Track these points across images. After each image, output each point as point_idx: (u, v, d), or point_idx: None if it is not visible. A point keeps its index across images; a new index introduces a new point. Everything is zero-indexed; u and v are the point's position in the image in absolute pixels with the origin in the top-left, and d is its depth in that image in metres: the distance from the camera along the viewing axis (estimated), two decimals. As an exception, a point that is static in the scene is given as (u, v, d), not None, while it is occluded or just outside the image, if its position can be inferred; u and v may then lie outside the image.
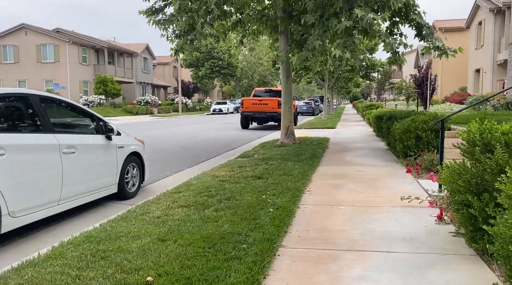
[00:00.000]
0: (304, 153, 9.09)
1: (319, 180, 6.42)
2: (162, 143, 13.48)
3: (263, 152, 9.49)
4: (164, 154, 10.81)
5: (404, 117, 9.32)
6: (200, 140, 14.75)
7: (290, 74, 11.12)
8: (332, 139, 13.27)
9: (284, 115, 11.04)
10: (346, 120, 26.69)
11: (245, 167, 7.39)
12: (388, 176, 6.70)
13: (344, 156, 9.14)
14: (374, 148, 10.54)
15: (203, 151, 11.46)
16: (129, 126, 22.66)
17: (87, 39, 41.74)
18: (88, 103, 37.43)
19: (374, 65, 37.31)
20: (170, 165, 8.96)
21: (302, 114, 41.24)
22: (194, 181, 6.23)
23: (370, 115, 18.03)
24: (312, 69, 9.94)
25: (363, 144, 11.69)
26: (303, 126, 19.96)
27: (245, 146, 12.27)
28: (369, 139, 13.23)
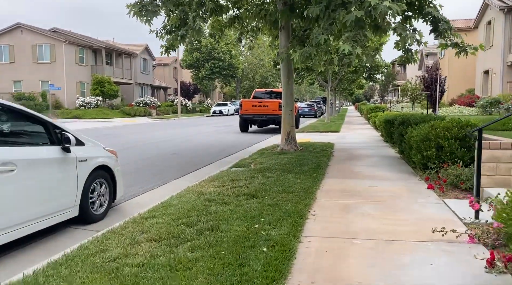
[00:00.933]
0: (307, 163, 8.04)
1: (326, 199, 5.37)
2: (153, 148, 12.45)
3: (260, 161, 8.45)
4: (152, 161, 9.78)
5: (420, 122, 8.28)
6: (195, 144, 13.72)
7: (291, 74, 10.08)
8: (337, 144, 12.22)
9: (285, 118, 10.00)
10: (350, 122, 25.63)
11: (238, 180, 6.35)
12: (407, 194, 5.65)
13: (352, 166, 8.09)
14: (385, 156, 9.48)
15: (196, 158, 10.43)
16: (123, 129, 21.66)
17: (85, 39, 40.79)
18: (85, 105, 36.50)
19: (378, 66, 36.26)
20: (155, 175, 7.92)
21: (304, 116, 40.20)
22: (175, 200, 5.19)
23: (376, 118, 16.99)
24: (316, 68, 8.91)
25: (372, 151, 10.63)
26: (305, 130, 18.92)
27: (242, 153, 11.23)
28: (377, 145, 12.17)
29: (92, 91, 37.53)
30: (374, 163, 8.54)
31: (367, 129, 19.01)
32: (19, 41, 37.43)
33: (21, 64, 37.45)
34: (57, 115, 34.02)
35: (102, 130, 20.65)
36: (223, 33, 12.43)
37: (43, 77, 37.27)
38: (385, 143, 12.53)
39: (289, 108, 9.96)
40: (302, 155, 9.04)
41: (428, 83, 18.09)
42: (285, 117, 9.99)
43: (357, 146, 11.70)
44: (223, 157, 10.53)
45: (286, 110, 9.97)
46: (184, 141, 14.90)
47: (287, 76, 9.93)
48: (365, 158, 9.29)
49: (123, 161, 9.66)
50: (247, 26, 12.51)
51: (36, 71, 37.47)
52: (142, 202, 5.78)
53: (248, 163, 8.39)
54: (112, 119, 33.23)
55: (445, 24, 8.99)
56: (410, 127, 8.10)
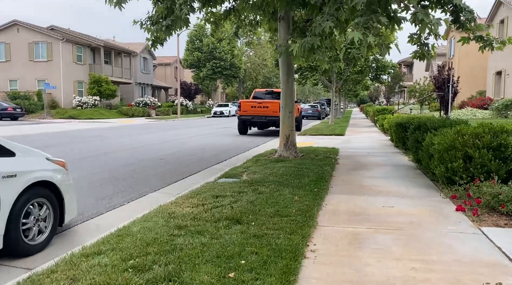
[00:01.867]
0: (308, 173, 6.90)
1: (329, 225, 4.23)
2: (140, 153, 11.34)
3: (254, 170, 7.31)
4: (134, 168, 8.67)
5: (439, 127, 7.13)
6: (188, 148, 12.60)
7: (291, 71, 8.94)
8: (342, 150, 11.07)
9: (284, 121, 8.86)
10: (356, 125, 24.45)
11: (223, 197, 5.22)
12: (432, 218, 4.49)
13: (361, 178, 6.93)
14: (398, 165, 8.31)
15: (185, 164, 9.31)
16: (116, 130, 20.53)
17: (83, 37, 39.81)
18: (82, 104, 35.50)
19: (384, 66, 35.09)
20: (132, 187, 6.81)
21: (308, 118, 39.04)
22: (137, 226, 4.06)
23: (385, 121, 15.81)
24: (320, 65, 7.78)
25: (382, 158, 9.47)
26: (308, 132, 17.76)
27: (236, 159, 10.11)
28: (388, 150, 11.00)
29: (89, 91, 36.52)
30: (386, 173, 7.38)
31: (374, 133, 17.84)
32: (15, 38, 36.49)
33: (17, 62, 36.51)
34: (52, 115, 33.04)
35: (92, 132, 19.59)
36: (218, 26, 11.29)
37: (40, 75, 36.30)
38: (395, 148, 11.37)
39: (288, 110, 8.82)
40: (303, 163, 7.89)
41: (440, 84, 16.95)
42: (284, 119, 8.85)
43: (364, 152, 10.55)
44: (214, 164, 9.41)
45: (285, 111, 8.83)
46: (177, 144, 13.79)
47: (287, 73, 8.79)
48: (375, 167, 8.13)
49: (100, 169, 8.57)
50: (244, 19, 11.43)
51: (33, 70, 36.52)
52: (103, 224, 4.68)
53: (239, 173, 7.25)
54: (108, 119, 32.21)
55: (468, 14, 7.83)
56: (428, 132, 6.95)
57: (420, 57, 8.72)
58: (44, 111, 32.64)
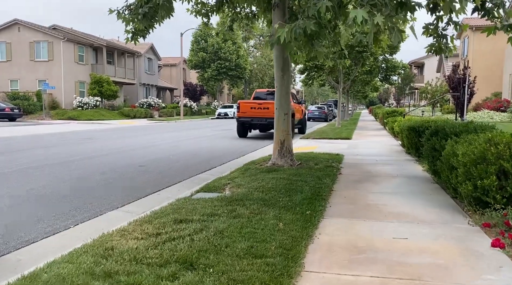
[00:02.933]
0: (302, 187, 5.73)
1: (320, 271, 3.06)
2: (123, 158, 10.26)
3: (239, 183, 6.16)
4: (107, 177, 7.57)
5: (461, 133, 5.94)
6: (178, 153, 11.50)
7: (287, 66, 7.77)
8: (347, 156, 9.87)
9: (278, 124, 7.69)
10: (364, 128, 23.18)
11: (188, 222, 4.08)
12: (460, 258, 3.30)
13: (367, 194, 5.75)
14: (411, 177, 7.10)
15: (167, 173, 8.20)
16: (111, 132, 19.42)
17: (85, 37, 39.04)
18: (82, 105, 34.68)
19: (394, 66, 33.70)
20: (92, 201, 5.70)
21: (314, 119, 37.84)
22: (52, 269, 2.94)
23: (395, 124, 14.57)
24: (319, 59, 6.61)
25: (392, 167, 8.26)
26: (312, 136, 16.56)
27: (228, 166, 8.98)
28: (399, 157, 9.78)
29: (89, 91, 35.69)
30: (398, 188, 6.18)
31: (384, 136, 16.58)
32: (16, 38, 35.86)
33: (18, 62, 35.87)
34: (51, 116, 32.26)
35: (86, 133, 18.59)
36: (209, 18, 10.19)
37: (41, 76, 35.61)
38: (407, 155, 10.14)
39: (283, 111, 7.65)
40: (298, 174, 6.72)
41: (455, 84, 15.65)
42: (278, 122, 7.69)
43: (372, 160, 9.34)
44: (201, 172, 8.28)
45: (280, 113, 7.66)
46: (167, 149, 12.69)
47: (282, 69, 7.64)
48: (384, 179, 6.93)
49: (68, 177, 7.40)
50: (240, 12, 10.35)
51: (34, 70, 35.85)
52: (26, 260, 3.57)
53: (222, 186, 6.11)
54: (108, 121, 31.31)
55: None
56: (448, 139, 5.74)
57: (437, 51, 7.53)
58: (43, 112, 31.86)
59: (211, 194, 5.56)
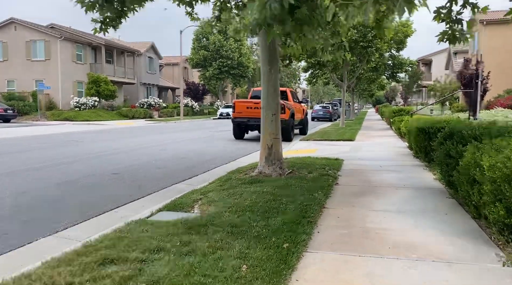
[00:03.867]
0: (287, 205, 4.65)
1: None
2: (100, 163, 9.24)
3: (212, 199, 5.09)
4: (68, 188, 6.55)
5: (482, 136, 4.84)
6: (162, 158, 10.48)
7: (275, 58, 6.68)
8: (348, 160, 8.77)
9: (265, 127, 6.61)
10: (369, 128, 22.01)
11: (120, 263, 3.02)
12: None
13: (367, 212, 4.65)
14: (421, 188, 5.98)
15: (138, 183, 7.16)
16: (103, 133, 18.33)
17: (83, 36, 38.18)
18: (80, 106, 33.79)
19: (401, 63, 32.45)
20: (30, 223, 4.67)
21: (319, 119, 36.68)
22: None
23: (402, 124, 13.43)
24: (308, 45, 5.54)
25: (398, 174, 7.14)
26: (313, 137, 15.44)
27: (212, 174, 7.93)
28: (406, 162, 8.65)
29: (87, 91, 34.80)
30: (405, 203, 5.08)
31: (390, 137, 15.43)
32: (13, 37, 35.05)
33: (14, 62, 35.05)
34: (47, 117, 31.42)
35: (75, 135, 17.62)
36: (193, 8, 9.15)
37: (38, 75, 34.75)
38: (415, 159, 9.02)
39: (271, 111, 6.57)
40: (286, 186, 5.65)
41: (467, 80, 14.45)
42: (265, 124, 6.61)
43: (375, 165, 8.22)
44: (179, 181, 7.24)
45: (267, 113, 6.59)
46: (154, 152, 11.67)
47: (269, 61, 6.56)
48: (389, 190, 5.82)
49: (26, 189, 6.30)
50: (229, 1, 9.32)
51: (30, 70, 35.01)
52: None
53: (192, 202, 5.05)
54: (105, 121, 30.39)
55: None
56: (468, 144, 4.64)
57: (450, 40, 6.40)
58: (38, 113, 31.03)
59: (174, 215, 4.50)
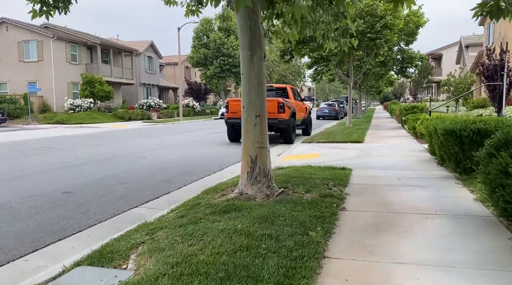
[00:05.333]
0: (265, 259, 3.01)
1: None
2: (53, 179, 7.66)
3: (157, 245, 3.46)
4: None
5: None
6: (135, 168, 8.89)
7: (257, 40, 5.01)
8: (356, 170, 7.11)
9: (247, 133, 4.97)
10: (378, 127, 20.27)
11: None
12: None
13: (390, 269, 3.00)
14: (461, 216, 4.28)
15: (87, 206, 5.57)
16: (89, 138, 16.65)
17: (78, 35, 36.78)
18: (74, 108, 32.36)
19: (411, 57, 30.57)
20: None
21: (324, 118, 34.91)
22: None
23: (418, 122, 11.72)
24: (297, 16, 3.93)
25: (425, 193, 5.46)
26: (316, 138, 13.76)
27: (185, 191, 6.33)
28: (429, 172, 6.95)
29: (81, 93, 33.36)
30: (448, 249, 3.40)
31: (403, 138, 13.71)
32: (4, 38, 33.73)
33: (6, 63, 33.74)
34: (39, 120, 30.03)
35: (56, 140, 16.10)
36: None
37: (31, 77, 33.39)
38: (440, 167, 7.33)
39: (254, 112, 4.92)
40: (272, 216, 4.01)
41: (491, 72, 12.75)
42: (247, 130, 4.97)
43: (392, 177, 6.55)
44: (140, 204, 5.66)
45: (249, 115, 4.94)
46: (130, 161, 10.10)
47: (249, 45, 4.92)
48: (418, 222, 4.16)
49: None
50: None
51: (23, 71, 33.67)
52: None
53: (129, 249, 3.44)
54: (99, 124, 28.93)
55: None
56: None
57: (492, 13, 4.74)
58: (30, 116, 29.66)
59: (95, 273, 2.90)
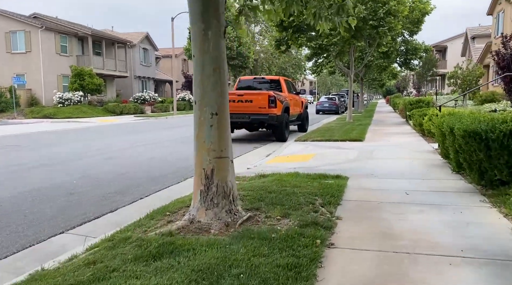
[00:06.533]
0: None
1: None
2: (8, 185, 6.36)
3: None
4: None
5: None
6: (89, 175, 7.57)
7: (213, 9, 3.64)
8: (353, 179, 5.76)
9: (200, 137, 3.61)
10: (381, 122, 18.87)
11: None
12: None
13: None
14: (502, 257, 2.96)
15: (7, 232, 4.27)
16: (69, 134, 15.35)
17: (68, 26, 35.34)
18: (63, 102, 31.02)
19: (416, 49, 29.10)
20: None
21: (324, 112, 33.47)
22: None
23: (425, 119, 10.34)
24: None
25: (443, 217, 4.11)
26: (312, 136, 12.38)
27: (133, 209, 5.02)
28: (445, 183, 5.60)
29: (70, 85, 32.00)
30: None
31: (408, 135, 12.33)
32: (-10, 28, 32.40)
33: (-6, 55, 32.43)
34: (25, 114, 28.74)
35: (32, 137, 14.79)
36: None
37: (19, 69, 32.04)
38: (457, 176, 5.98)
39: (209, 108, 3.54)
40: (220, 268, 2.67)
41: (507, 62, 11.38)
42: (199, 133, 3.61)
43: (398, 191, 5.20)
44: (71, 228, 4.35)
45: (202, 112, 3.57)
46: (95, 164, 8.78)
47: (202, 15, 3.53)
48: (436, 271, 2.81)
49: None
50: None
51: (11, 63, 32.31)
52: None
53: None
54: (88, 118, 27.62)
55: None
56: None
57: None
58: (15, 110, 28.35)
59: None
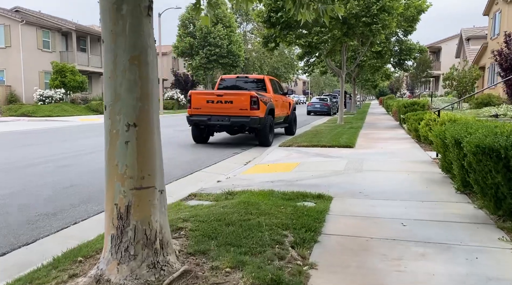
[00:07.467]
0: None
1: None
2: None
3: None
4: None
5: None
6: (40, 184, 6.44)
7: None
8: (338, 200, 4.70)
9: (112, 159, 2.54)
10: (373, 125, 17.87)
11: None
12: None
13: None
14: None
15: None
16: (40, 135, 14.18)
17: (51, 20, 33.96)
18: (44, 99, 29.69)
19: (410, 49, 28.16)
20: None
21: (316, 113, 32.41)
22: None
23: (422, 124, 9.31)
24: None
25: (456, 268, 3.06)
26: (298, 141, 11.30)
27: (65, 236, 3.90)
28: (450, 208, 4.55)
29: (51, 82, 30.67)
30: None
31: (403, 141, 11.31)
32: (-31, 22, 30.96)
33: (-29, 50, 31.02)
34: (1, 111, 27.39)
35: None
36: None
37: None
38: (463, 197, 4.94)
39: (124, 117, 2.47)
40: None
41: (510, 63, 10.46)
42: (111, 149, 2.53)
43: (394, 220, 4.14)
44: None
45: (114, 123, 2.47)
46: (47, 171, 7.64)
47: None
48: None
49: None
50: None
51: (-10, 59, 30.98)
52: None
53: None
54: (68, 117, 26.36)
55: None
56: None
57: None
58: (-9, 108, 27.03)
59: None
